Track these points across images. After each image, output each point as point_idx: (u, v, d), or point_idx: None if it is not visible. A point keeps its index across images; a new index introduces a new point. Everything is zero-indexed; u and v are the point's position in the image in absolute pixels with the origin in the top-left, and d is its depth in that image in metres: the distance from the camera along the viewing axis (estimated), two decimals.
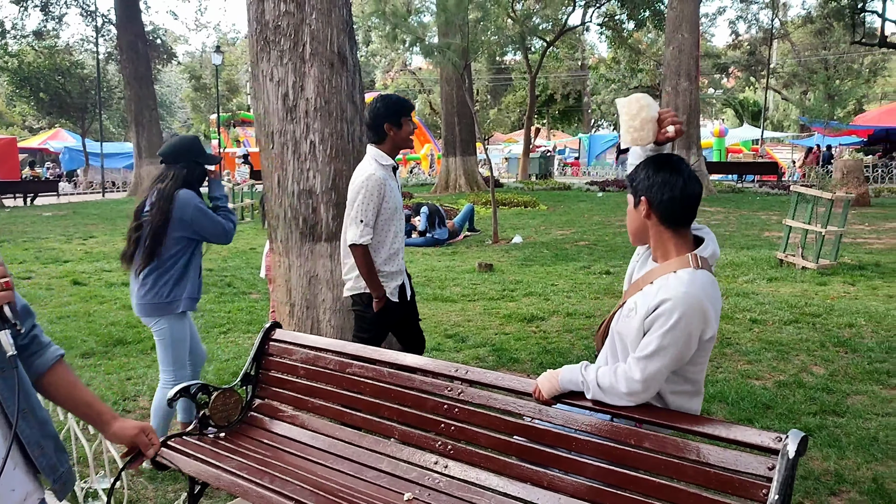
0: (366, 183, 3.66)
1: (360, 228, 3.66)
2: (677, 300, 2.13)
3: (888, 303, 7.00)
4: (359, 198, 3.67)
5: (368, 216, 3.67)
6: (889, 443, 3.85)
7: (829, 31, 34.27)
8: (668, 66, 19.19)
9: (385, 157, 3.78)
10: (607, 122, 58.22)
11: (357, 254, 3.70)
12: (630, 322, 2.28)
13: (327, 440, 3.00)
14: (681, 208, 2.26)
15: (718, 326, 4.30)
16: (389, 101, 3.78)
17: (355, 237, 3.67)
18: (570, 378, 2.38)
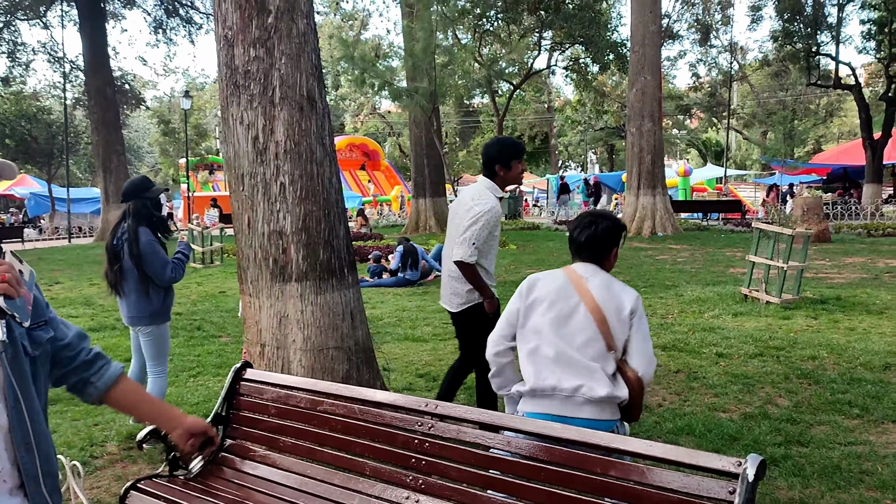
0: (488, 214, 4.15)
1: (472, 250, 4.15)
2: None
3: (849, 335, 7.18)
4: (479, 224, 4.14)
5: (480, 241, 4.17)
6: (851, 471, 3.94)
7: (786, 74, 35.45)
8: (632, 108, 19.66)
9: (498, 189, 4.31)
10: (574, 164, 59.18)
11: (468, 270, 4.20)
12: None
13: (299, 479, 3.00)
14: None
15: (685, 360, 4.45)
16: (502, 145, 4.33)
17: (465, 256, 4.15)
18: None
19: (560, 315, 2.91)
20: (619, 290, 2.94)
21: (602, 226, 3.05)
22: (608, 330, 2.84)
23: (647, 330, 2.93)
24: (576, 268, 3.04)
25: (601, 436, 2.36)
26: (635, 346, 2.87)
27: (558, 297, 2.94)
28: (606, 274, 3.03)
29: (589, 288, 2.92)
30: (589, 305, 2.87)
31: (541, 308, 2.96)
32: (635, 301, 2.91)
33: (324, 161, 4.46)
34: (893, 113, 28.09)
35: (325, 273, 4.45)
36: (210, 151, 48.05)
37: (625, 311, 2.86)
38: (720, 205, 27.24)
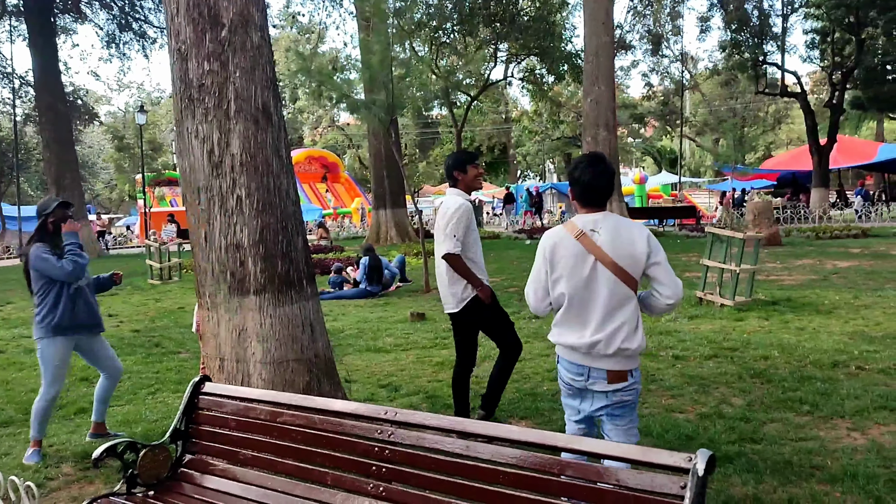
0: (458, 209, 4.68)
1: (454, 241, 4.63)
2: None
3: (799, 335, 7.38)
4: (452, 220, 4.65)
5: (459, 233, 4.65)
6: (802, 466, 4.06)
7: (735, 82, 36.33)
8: (587, 118, 19.95)
9: (464, 194, 4.84)
10: (533, 173, 59.73)
11: (455, 262, 4.65)
12: None
13: (260, 491, 2.99)
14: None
15: (643, 363, 4.60)
16: (455, 156, 4.99)
17: (450, 248, 4.62)
18: None
19: (581, 278, 3.12)
20: (627, 235, 3.12)
21: (611, 167, 3.23)
22: (629, 277, 3.08)
23: (665, 258, 3.13)
24: (581, 222, 3.17)
25: (558, 437, 2.41)
26: (660, 278, 3.12)
27: (576, 262, 3.13)
28: (612, 217, 3.18)
29: (600, 245, 3.10)
30: (605, 262, 3.08)
31: (563, 272, 3.16)
32: (646, 241, 3.10)
33: (280, 173, 4.47)
34: (837, 119, 28.99)
35: (283, 285, 4.44)
36: (167, 166, 47.40)
37: (641, 257, 3.09)
38: (675, 211, 27.75)
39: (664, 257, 3.12)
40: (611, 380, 3.07)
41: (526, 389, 5.89)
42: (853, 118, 43.36)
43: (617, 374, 3.07)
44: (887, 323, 7.81)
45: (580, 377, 3.13)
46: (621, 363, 3.08)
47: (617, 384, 3.07)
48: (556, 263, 3.18)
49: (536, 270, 3.28)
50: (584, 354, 3.11)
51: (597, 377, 3.10)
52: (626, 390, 3.10)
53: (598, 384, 3.09)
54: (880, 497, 3.59)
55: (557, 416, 5.17)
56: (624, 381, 3.08)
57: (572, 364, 3.15)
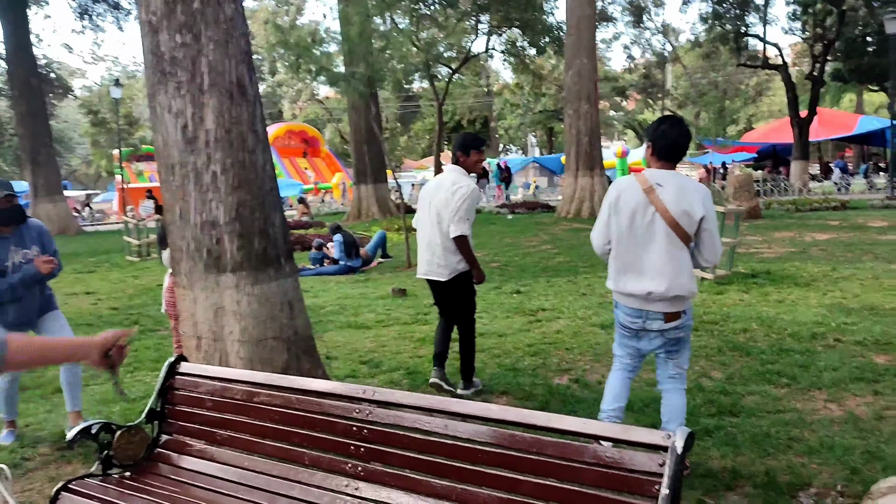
0: (472, 193, 5.00)
1: (467, 224, 4.95)
2: None
3: (778, 308, 7.44)
4: (466, 203, 4.95)
5: (471, 216, 5.00)
6: (779, 438, 4.09)
7: (717, 55, 36.25)
8: (569, 91, 19.86)
9: (465, 173, 5.14)
10: (515, 147, 59.57)
11: (465, 244, 4.98)
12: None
13: (237, 471, 2.96)
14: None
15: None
16: (461, 138, 5.27)
17: (464, 230, 4.93)
18: None
19: (641, 228, 3.48)
20: (689, 195, 3.45)
21: (688, 128, 3.67)
22: (683, 233, 3.44)
23: (715, 225, 3.50)
24: (651, 176, 3.53)
25: (536, 415, 2.39)
26: (706, 241, 3.48)
27: (637, 212, 3.48)
28: (680, 176, 3.56)
29: (662, 199, 3.44)
30: (664, 215, 3.43)
31: (625, 220, 3.52)
32: (702, 205, 3.44)
33: (256, 149, 4.38)
34: (818, 92, 29.06)
35: (261, 263, 4.38)
36: (144, 141, 46.76)
37: (696, 216, 3.43)
38: None
39: (714, 224, 3.50)
40: (667, 320, 3.50)
41: (507, 365, 5.89)
42: (834, 90, 43.54)
43: (672, 315, 3.50)
44: (864, 295, 7.89)
45: (638, 319, 3.54)
46: (675, 305, 3.49)
47: (672, 322, 3.51)
48: (619, 210, 3.54)
49: (602, 216, 3.64)
50: (641, 300, 3.50)
51: (654, 318, 3.51)
52: (680, 328, 3.55)
53: (655, 324, 3.51)
54: (856, 468, 3.63)
55: (538, 391, 5.18)
56: (678, 320, 3.52)
57: (630, 309, 3.55)
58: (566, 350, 6.24)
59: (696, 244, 3.51)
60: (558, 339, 6.60)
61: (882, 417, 4.32)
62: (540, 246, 14.29)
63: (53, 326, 4.71)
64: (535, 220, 19.28)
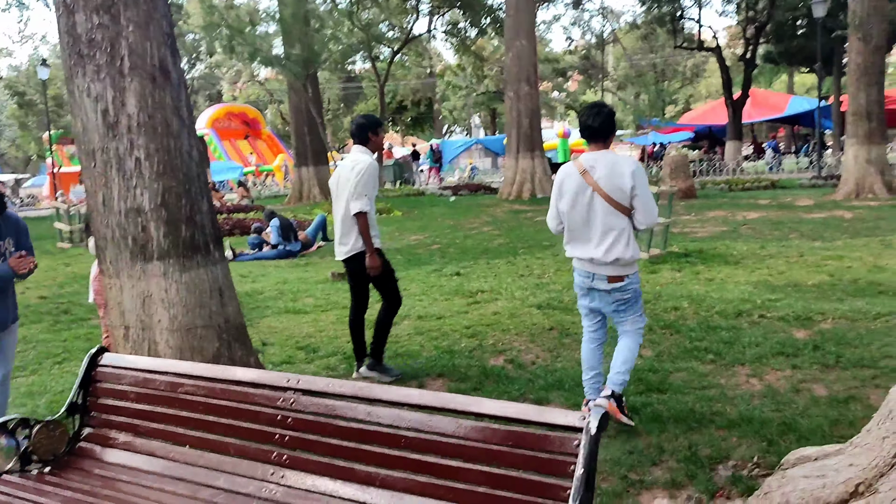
0: (368, 168, 5.02)
1: (365, 201, 4.96)
2: None
3: (708, 286, 7.66)
4: (363, 179, 4.98)
5: (370, 192, 5.02)
6: (703, 412, 4.23)
7: (655, 37, 36.82)
8: (509, 72, 19.93)
9: (369, 153, 5.18)
10: (459, 128, 59.57)
11: (364, 221, 4.97)
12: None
13: (162, 463, 2.93)
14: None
15: (559, 317, 5.04)
16: (371, 117, 5.33)
17: (363, 207, 4.94)
18: None
19: (583, 205, 4.02)
20: (618, 171, 3.97)
21: (606, 111, 4.14)
22: (619, 205, 3.97)
23: (647, 191, 4.01)
24: (585, 160, 4.08)
25: (457, 399, 2.43)
26: (639, 207, 4.00)
27: (578, 193, 4.03)
28: (610, 154, 4.09)
29: (596, 179, 3.97)
30: (600, 193, 3.97)
31: (569, 201, 4.07)
32: (631, 177, 3.96)
33: (181, 134, 4.28)
34: (751, 73, 29.82)
35: (188, 250, 4.30)
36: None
37: (627, 188, 3.95)
38: None
39: (645, 190, 3.99)
40: (609, 281, 4.05)
41: (444, 347, 5.93)
42: (766, 72, 44.72)
43: (614, 278, 4.05)
44: (789, 272, 8.18)
45: (587, 279, 4.13)
46: (617, 269, 4.04)
47: (615, 284, 4.05)
48: (563, 193, 4.10)
49: (553, 200, 4.20)
50: (589, 262, 4.08)
51: (599, 279, 4.08)
52: (624, 290, 4.08)
53: (601, 284, 4.08)
54: (772, 440, 3.78)
55: (473, 372, 5.24)
56: (620, 282, 4.06)
57: (581, 270, 4.16)
58: (503, 331, 6.31)
59: (634, 211, 4.03)
60: (495, 321, 6.67)
61: (798, 390, 4.51)
62: (481, 228, 14.37)
63: (11, 341, 4.20)
64: (477, 202, 19.36)
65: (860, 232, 11.09)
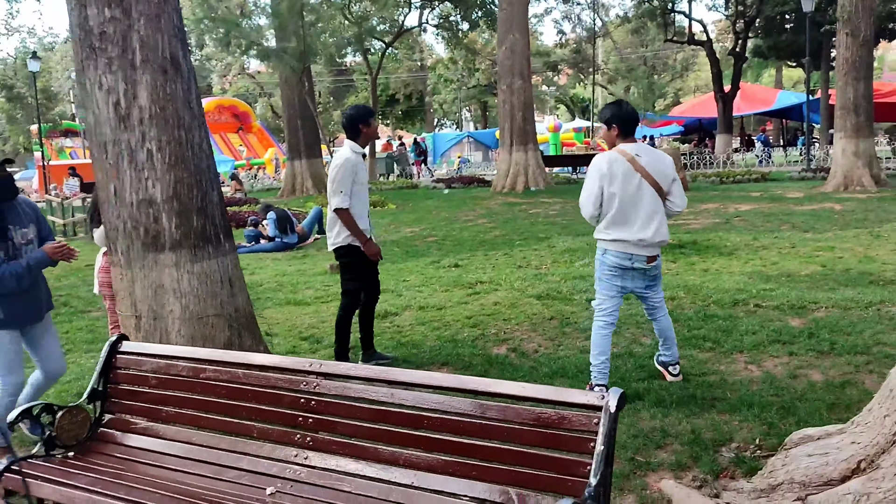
0: (343, 164, 5.02)
1: (341, 198, 4.98)
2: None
3: (703, 276, 7.78)
4: (338, 175, 5.01)
5: (346, 187, 4.99)
6: (704, 398, 4.34)
7: (645, 31, 36.94)
8: (502, 66, 19.98)
9: (358, 147, 5.15)
10: (449, 122, 59.57)
11: (343, 216, 5.02)
12: None
13: (184, 447, 3.00)
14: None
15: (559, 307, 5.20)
16: (360, 108, 5.32)
17: (338, 203, 4.99)
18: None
19: (630, 190, 4.30)
20: (662, 160, 4.42)
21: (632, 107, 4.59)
22: (661, 190, 4.36)
23: (679, 180, 4.51)
24: (629, 149, 4.36)
25: (478, 381, 2.52)
26: (676, 192, 4.45)
27: (627, 178, 4.29)
28: (646, 146, 4.59)
29: (644, 166, 4.30)
30: (647, 179, 4.31)
31: (617, 186, 4.29)
32: (672, 167, 4.45)
33: (192, 126, 4.34)
34: (740, 67, 29.99)
35: (199, 241, 4.36)
36: (64, 116, 44.88)
37: (669, 177, 4.40)
38: (589, 158, 28.27)
39: (678, 179, 4.48)
40: (648, 261, 4.40)
41: (447, 337, 6.02)
42: (755, 66, 44.99)
43: (652, 258, 4.41)
44: (782, 262, 8.32)
45: (627, 260, 4.38)
46: (656, 250, 4.42)
47: (652, 262, 4.43)
48: (612, 179, 4.30)
49: (593, 186, 4.36)
50: (632, 245, 4.34)
51: (639, 260, 4.38)
52: (657, 267, 4.51)
53: (639, 263, 4.38)
54: (773, 423, 3.89)
55: (477, 361, 5.33)
56: (655, 261, 4.45)
57: (621, 252, 4.37)
58: (504, 321, 6.40)
59: (670, 196, 4.42)
60: (496, 311, 6.76)
61: (796, 376, 4.63)
62: (476, 220, 14.46)
63: (51, 331, 4.19)
64: (470, 195, 19.43)
65: (850, 223, 11.26)
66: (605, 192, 4.33)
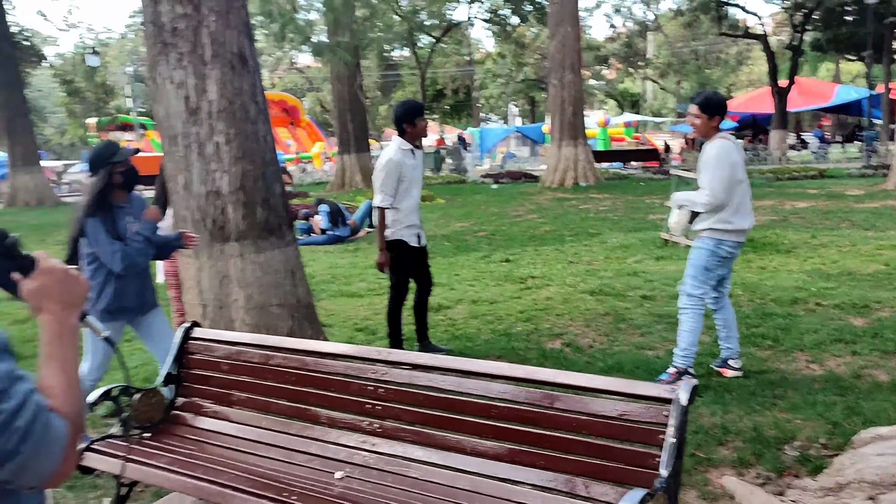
0: (386, 165, 5.05)
1: (382, 196, 5.04)
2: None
3: (761, 274, 7.65)
4: (381, 175, 5.05)
5: (388, 188, 5.03)
6: (765, 396, 4.29)
7: (698, 24, 36.27)
8: (553, 60, 19.87)
9: (406, 143, 5.15)
10: (496, 116, 59.40)
11: (378, 214, 5.11)
12: None
13: (255, 430, 3.09)
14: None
15: (612, 303, 5.15)
16: (405, 106, 5.24)
17: (379, 202, 5.07)
18: (680, 198, 4.66)
19: (746, 178, 4.46)
20: None
21: None
22: None
23: None
24: (731, 139, 4.51)
25: (545, 372, 2.54)
26: None
27: (743, 166, 4.46)
28: None
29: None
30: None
31: (741, 173, 4.42)
32: None
33: (258, 119, 4.45)
34: (797, 61, 29.25)
35: (263, 232, 4.48)
36: (120, 110, 46.02)
37: None
38: (638, 153, 27.99)
39: None
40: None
41: (500, 330, 6.05)
42: (812, 60, 43.78)
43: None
44: (843, 261, 8.12)
45: (738, 249, 4.54)
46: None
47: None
48: (741, 166, 4.42)
49: (726, 173, 4.30)
50: (744, 233, 4.49)
51: (740, 247, 4.58)
52: None
53: (738, 251, 4.58)
54: (837, 422, 3.83)
55: (532, 354, 5.35)
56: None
57: (736, 242, 4.48)
58: (557, 316, 6.40)
59: None
60: (549, 306, 6.76)
61: (860, 376, 4.54)
62: (526, 215, 14.43)
63: (157, 324, 4.15)
64: (519, 190, 19.40)
65: None
66: (733, 180, 4.36)
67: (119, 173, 3.72)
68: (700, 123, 4.47)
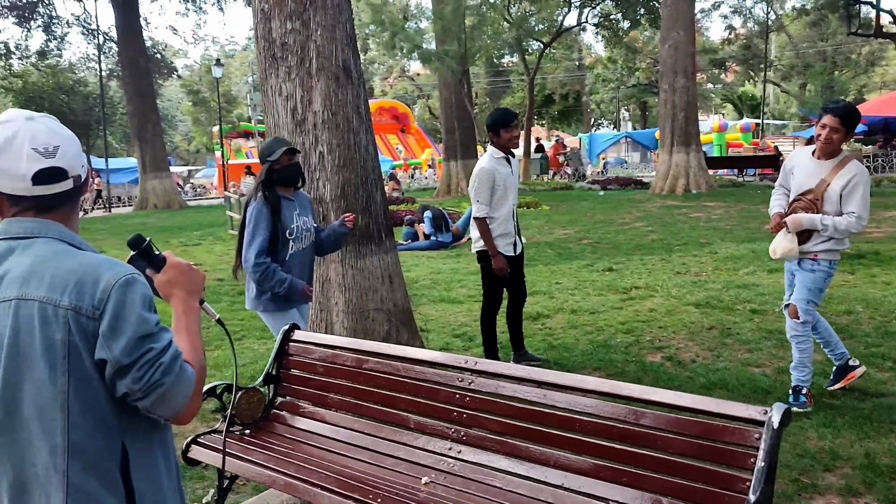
0: (479, 174, 5.03)
1: (478, 206, 5.04)
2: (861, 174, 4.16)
3: (885, 290, 7.17)
4: (474, 184, 5.04)
5: (483, 197, 5.01)
6: (881, 421, 4.02)
7: (825, 23, 34.39)
8: (665, 64, 19.35)
9: (498, 152, 5.13)
10: (607, 122, 58.43)
11: (478, 225, 5.09)
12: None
13: (347, 432, 3.19)
14: None
15: (719, 317, 4.96)
16: (496, 115, 5.16)
17: (475, 212, 5.09)
18: (810, 221, 4.23)
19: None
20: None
21: None
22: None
23: None
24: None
25: (632, 388, 2.49)
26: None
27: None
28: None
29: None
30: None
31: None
32: None
33: (360, 130, 4.59)
34: None
35: (364, 238, 4.61)
36: (242, 119, 48.38)
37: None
38: (756, 160, 26.78)
39: None
40: None
41: (599, 342, 5.95)
42: None
43: None
44: None
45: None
46: None
47: None
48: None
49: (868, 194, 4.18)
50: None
51: None
52: None
53: None
54: None
55: (630, 367, 5.24)
56: None
57: (837, 261, 4.42)
58: (659, 328, 6.24)
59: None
60: (651, 318, 6.60)
61: None
62: (633, 223, 14.12)
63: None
64: (627, 197, 18.99)
65: None
66: None
67: (276, 169, 3.84)
68: (837, 138, 4.13)
